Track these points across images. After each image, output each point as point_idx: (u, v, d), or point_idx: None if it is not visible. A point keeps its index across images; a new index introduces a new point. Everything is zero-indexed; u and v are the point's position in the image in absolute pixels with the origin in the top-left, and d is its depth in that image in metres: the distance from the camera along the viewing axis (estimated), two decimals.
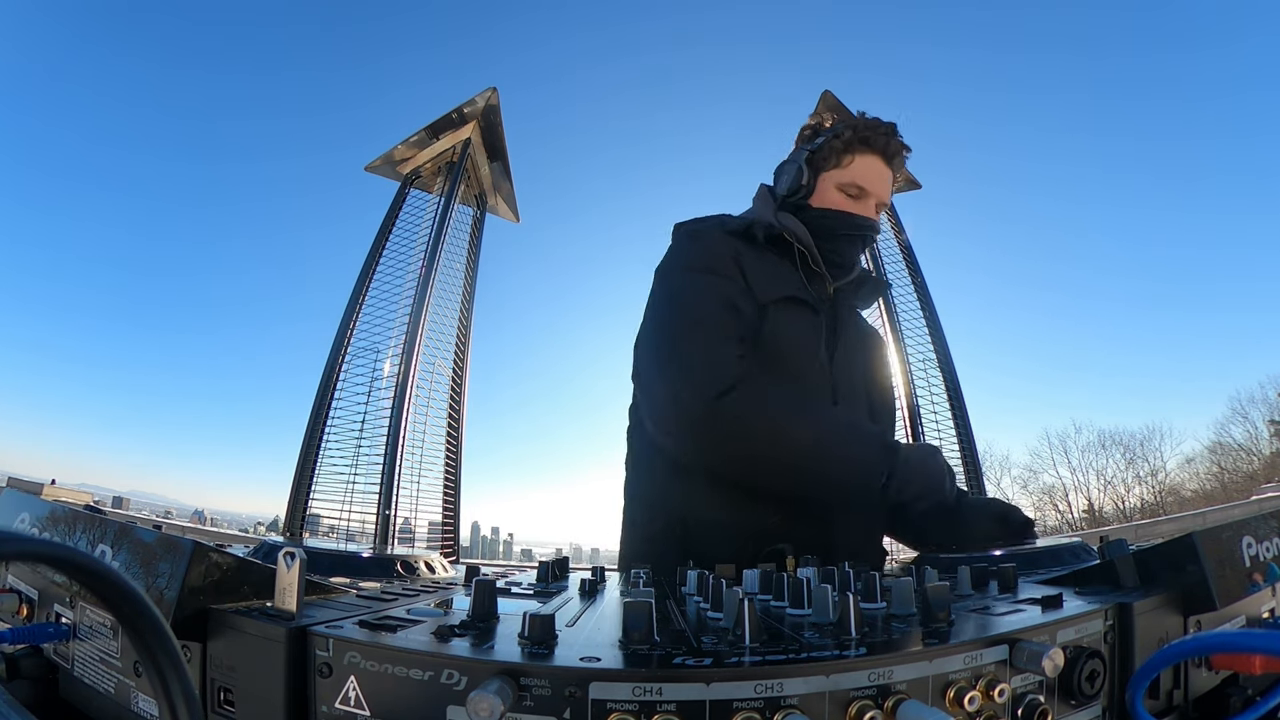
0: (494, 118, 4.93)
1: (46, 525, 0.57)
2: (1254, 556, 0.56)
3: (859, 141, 1.21)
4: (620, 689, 0.35)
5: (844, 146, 1.22)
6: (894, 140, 1.22)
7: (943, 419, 4.60)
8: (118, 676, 0.48)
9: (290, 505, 4.09)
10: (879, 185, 1.22)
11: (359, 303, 4.53)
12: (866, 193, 1.21)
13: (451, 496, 4.61)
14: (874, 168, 1.21)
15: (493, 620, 0.45)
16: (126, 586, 0.26)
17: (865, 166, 1.21)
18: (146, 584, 0.46)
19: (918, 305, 4.83)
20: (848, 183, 1.20)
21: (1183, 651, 0.45)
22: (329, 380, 4.32)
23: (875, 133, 1.21)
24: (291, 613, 0.45)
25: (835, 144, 1.23)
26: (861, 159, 1.21)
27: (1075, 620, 0.45)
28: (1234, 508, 9.65)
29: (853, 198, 1.21)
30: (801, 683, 0.35)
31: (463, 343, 4.92)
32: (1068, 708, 0.43)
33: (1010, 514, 1.05)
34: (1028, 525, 1.04)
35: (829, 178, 1.22)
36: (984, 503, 1.16)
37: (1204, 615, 0.52)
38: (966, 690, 0.38)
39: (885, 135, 1.21)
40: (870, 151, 1.21)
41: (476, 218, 5.29)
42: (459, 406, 4.78)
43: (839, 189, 1.21)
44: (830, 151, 1.23)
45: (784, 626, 0.45)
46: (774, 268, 1.15)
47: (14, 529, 0.57)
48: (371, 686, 0.39)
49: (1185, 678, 0.50)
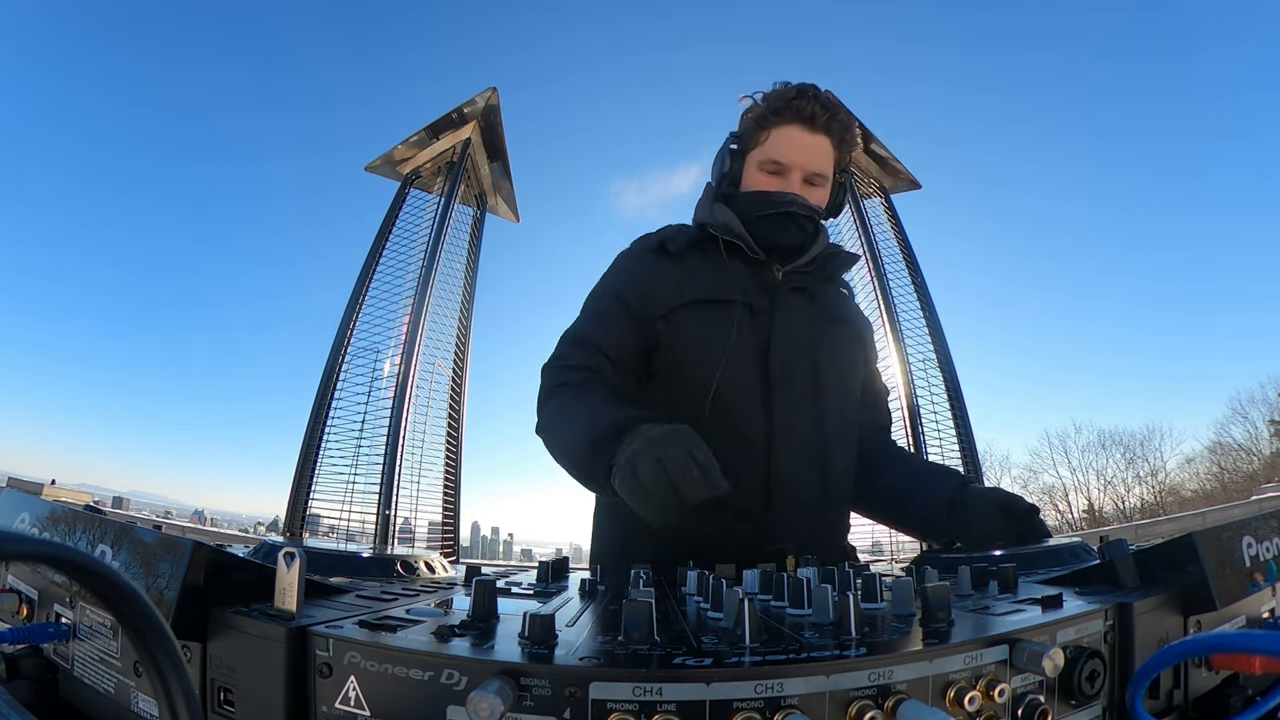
0: (494, 118, 4.93)
1: (46, 525, 0.57)
2: (1254, 556, 0.56)
3: (771, 114, 1.13)
4: (620, 689, 0.35)
5: (757, 123, 1.15)
6: (809, 103, 1.12)
7: (943, 419, 4.60)
8: (118, 676, 0.48)
9: (290, 505, 4.09)
10: (801, 155, 1.12)
11: (359, 303, 4.53)
12: (786, 166, 1.12)
13: (451, 496, 4.61)
14: (791, 138, 1.12)
15: (493, 620, 0.45)
16: (126, 586, 0.26)
17: (781, 139, 1.13)
18: (146, 584, 0.46)
19: (918, 305, 4.84)
20: (764, 160, 1.13)
21: (1183, 651, 0.45)
22: (329, 380, 4.32)
23: (785, 101, 1.12)
24: (291, 613, 0.45)
25: (749, 123, 1.16)
26: (778, 132, 1.13)
27: (1075, 620, 0.45)
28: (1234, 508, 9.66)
29: (773, 174, 1.13)
30: (801, 683, 0.35)
31: (463, 343, 4.93)
32: (1068, 708, 0.43)
33: (1013, 503, 1.00)
34: (1032, 513, 0.99)
35: (751, 159, 1.16)
36: (986, 493, 1.08)
37: (1204, 615, 0.52)
38: (966, 690, 0.38)
39: (798, 100, 1.12)
40: (785, 122, 1.13)
41: (476, 218, 5.29)
42: (459, 406, 4.79)
43: (759, 169, 1.14)
44: (748, 132, 1.17)
45: (784, 626, 0.45)
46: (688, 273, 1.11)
47: (14, 529, 0.57)
48: (371, 686, 0.39)
49: (1185, 678, 0.50)
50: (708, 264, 1.12)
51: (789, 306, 1.12)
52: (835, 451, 1.11)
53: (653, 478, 0.74)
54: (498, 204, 5.38)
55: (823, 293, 1.18)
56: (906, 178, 5.18)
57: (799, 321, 1.12)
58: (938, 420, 4.59)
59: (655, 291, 1.10)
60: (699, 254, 1.14)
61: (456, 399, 4.79)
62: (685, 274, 1.11)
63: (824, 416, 1.10)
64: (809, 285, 1.16)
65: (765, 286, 1.12)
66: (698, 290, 1.09)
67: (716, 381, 1.04)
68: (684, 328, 1.08)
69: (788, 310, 1.12)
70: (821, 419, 1.09)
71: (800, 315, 1.13)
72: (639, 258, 1.17)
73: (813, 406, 1.09)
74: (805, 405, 1.08)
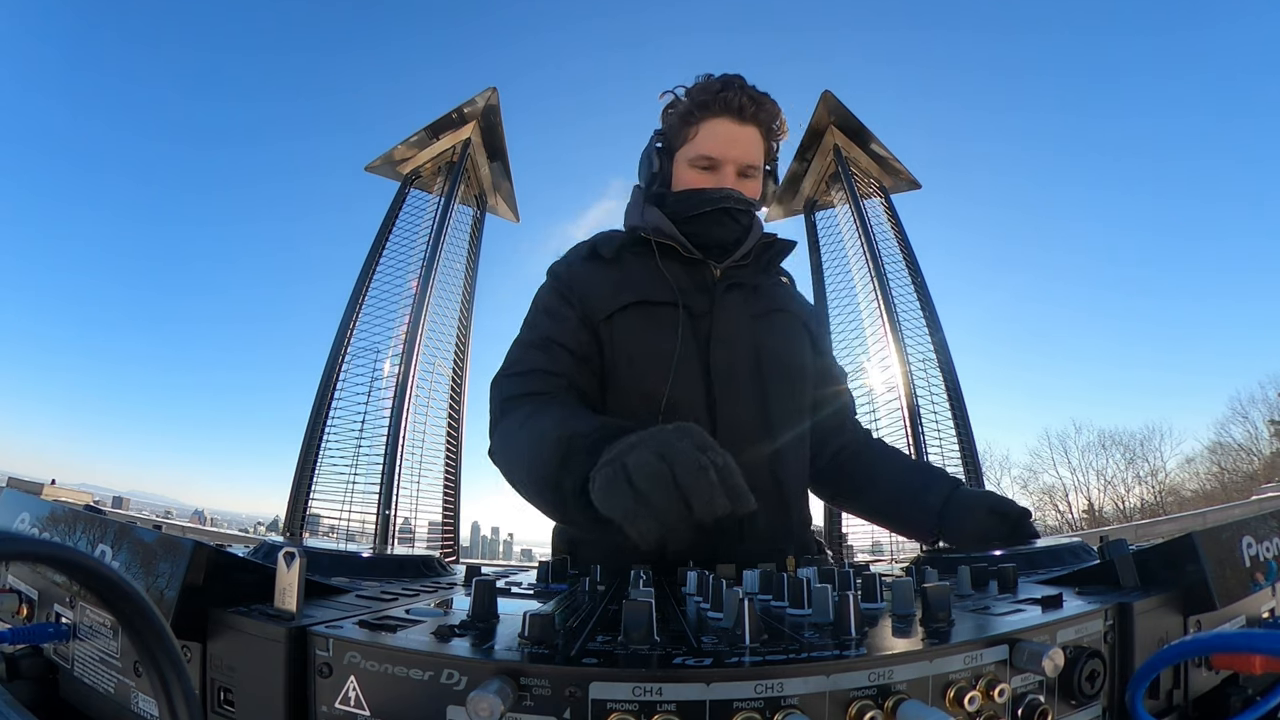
0: (494, 118, 4.93)
1: (46, 525, 0.57)
2: (1254, 556, 0.56)
3: (698, 108, 1.09)
4: (620, 689, 0.35)
5: (683, 120, 1.11)
6: (736, 94, 1.08)
7: (943, 419, 4.60)
8: (118, 676, 0.48)
9: (290, 505, 4.09)
10: (731, 148, 1.08)
11: (359, 303, 4.53)
12: (717, 161, 1.09)
13: (451, 496, 4.61)
14: (720, 131, 1.09)
15: (493, 620, 0.45)
16: (126, 586, 0.26)
17: (709, 133, 1.09)
18: (146, 584, 0.46)
19: (918, 305, 4.84)
20: (695, 156, 1.10)
21: (1183, 651, 0.45)
22: (329, 380, 4.33)
23: (711, 94, 1.08)
24: (291, 613, 0.45)
25: (675, 120, 1.13)
26: (705, 126, 1.09)
27: (1075, 620, 0.45)
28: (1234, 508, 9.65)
29: (706, 170, 1.10)
30: (801, 683, 0.35)
31: (463, 343, 4.93)
32: (1068, 708, 0.43)
33: (1005, 506, 0.99)
34: (1024, 516, 0.98)
35: (680, 157, 1.12)
36: (977, 496, 1.06)
37: (1204, 615, 0.52)
38: (966, 690, 0.38)
39: (724, 92, 1.08)
40: (712, 115, 1.09)
41: (476, 218, 5.29)
42: (459, 406, 4.79)
43: (690, 166, 1.11)
44: (674, 129, 1.13)
45: (784, 626, 0.45)
46: (624, 276, 1.08)
47: (14, 529, 0.57)
48: (371, 686, 0.39)
49: (1185, 678, 0.50)
50: (643, 267, 1.10)
51: (727, 304, 1.09)
52: (785, 446, 1.08)
53: (650, 477, 0.58)
54: (497, 204, 5.38)
55: (763, 284, 1.16)
56: (906, 178, 5.18)
57: (739, 318, 1.09)
58: (938, 420, 4.60)
59: (592, 294, 1.07)
60: (633, 257, 1.11)
61: (456, 399, 4.79)
62: (621, 277, 1.09)
63: (770, 412, 1.06)
64: (747, 279, 1.13)
65: (702, 286, 1.10)
66: (635, 293, 1.06)
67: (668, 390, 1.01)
68: (624, 331, 1.05)
69: (726, 308, 1.09)
70: (768, 415, 1.06)
71: (739, 311, 1.10)
72: (574, 265, 1.14)
73: (758, 403, 1.06)
74: (750, 403, 1.05)
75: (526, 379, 1.02)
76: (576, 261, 1.14)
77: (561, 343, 1.04)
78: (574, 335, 1.05)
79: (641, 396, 1.02)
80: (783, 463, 1.07)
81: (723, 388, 1.04)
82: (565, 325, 1.06)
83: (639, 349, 1.04)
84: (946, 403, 4.58)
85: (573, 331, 1.05)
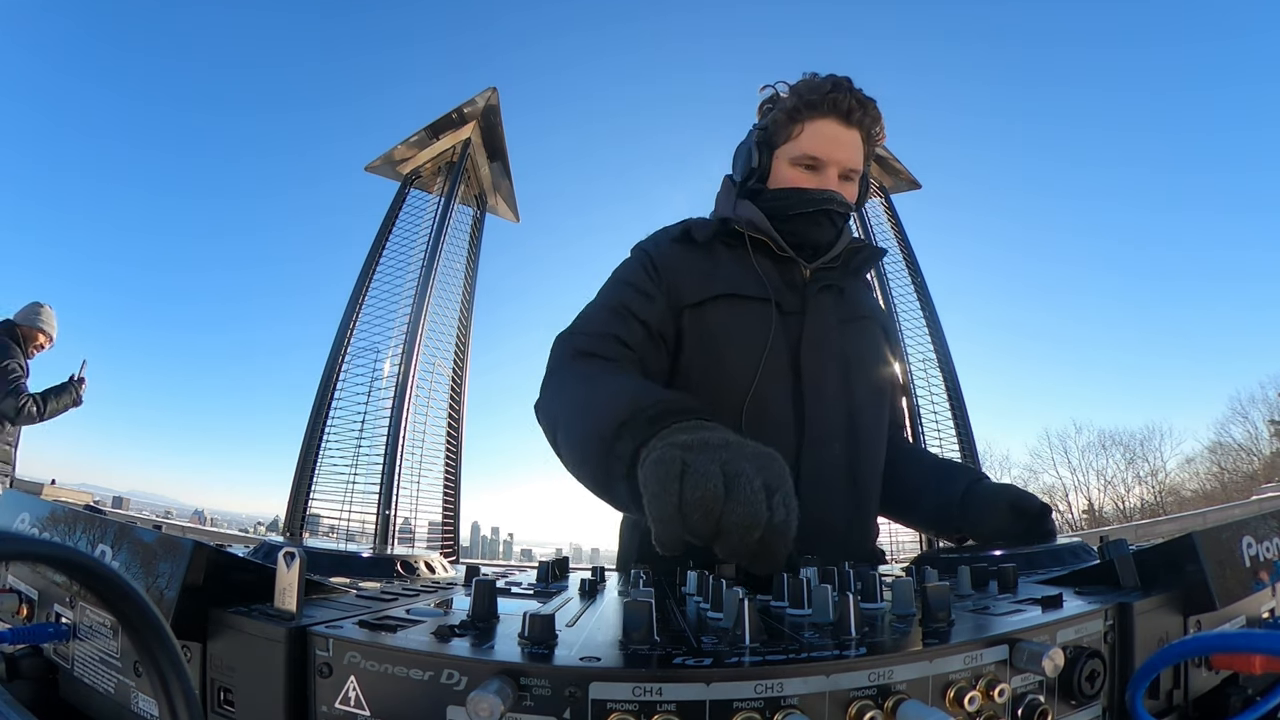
0: (494, 118, 4.93)
1: (46, 525, 0.57)
2: (1254, 556, 0.56)
3: (805, 107, 1.08)
4: (620, 689, 0.35)
5: (789, 117, 1.10)
6: (845, 96, 1.07)
7: (943, 419, 4.60)
8: (118, 676, 0.48)
9: (290, 505, 4.09)
10: (836, 150, 1.08)
11: (359, 303, 4.53)
12: (822, 161, 1.08)
13: (451, 496, 4.61)
14: (826, 132, 1.08)
15: (493, 620, 0.45)
16: (126, 586, 0.26)
17: (815, 133, 1.08)
18: (146, 584, 0.46)
19: (918, 305, 4.83)
20: (799, 155, 1.08)
21: (1183, 651, 0.45)
22: (329, 380, 4.32)
23: (820, 94, 1.07)
24: (291, 613, 0.45)
25: (780, 117, 1.11)
26: (811, 126, 1.08)
27: (1075, 620, 0.45)
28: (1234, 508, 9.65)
29: (809, 169, 1.09)
30: (801, 683, 0.35)
31: (463, 343, 4.92)
32: (1068, 708, 0.43)
33: (1025, 502, 0.96)
34: (1045, 512, 0.95)
35: (782, 154, 1.11)
36: (998, 490, 1.01)
37: (1204, 615, 0.52)
38: (966, 690, 0.38)
39: (833, 93, 1.07)
40: (819, 115, 1.08)
41: (476, 218, 5.29)
42: (459, 406, 4.78)
43: (792, 164, 1.09)
44: (778, 126, 1.11)
45: (784, 626, 0.45)
46: (715, 265, 1.07)
47: (14, 529, 0.57)
48: (371, 686, 0.39)
49: (1185, 678, 0.50)
50: (735, 259, 1.08)
51: (819, 305, 1.08)
52: (865, 456, 1.06)
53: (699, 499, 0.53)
54: (498, 204, 5.38)
55: (849, 289, 1.14)
56: (906, 178, 5.17)
57: (829, 320, 1.08)
58: (938, 420, 4.59)
59: (683, 278, 1.05)
60: (725, 248, 1.10)
61: (456, 399, 4.79)
62: (713, 265, 1.07)
63: (855, 420, 1.05)
64: (836, 282, 1.12)
65: (793, 284, 1.09)
66: (728, 284, 1.04)
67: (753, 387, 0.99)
68: (714, 322, 1.03)
69: (818, 309, 1.07)
70: (853, 423, 1.05)
71: (829, 314, 1.09)
72: (662, 245, 1.11)
73: (844, 409, 1.05)
74: (836, 409, 1.04)
75: (598, 340, 0.97)
76: (666, 242, 1.12)
77: (641, 317, 1.00)
78: (656, 314, 1.02)
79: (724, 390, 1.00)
80: (864, 478, 1.06)
81: (812, 390, 1.02)
82: (649, 302, 1.02)
83: (727, 342, 1.02)
84: (946, 402, 4.57)
85: (655, 310, 1.02)
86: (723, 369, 1.02)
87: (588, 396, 0.81)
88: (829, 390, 1.04)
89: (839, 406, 1.05)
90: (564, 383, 0.91)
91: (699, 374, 1.03)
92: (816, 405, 1.02)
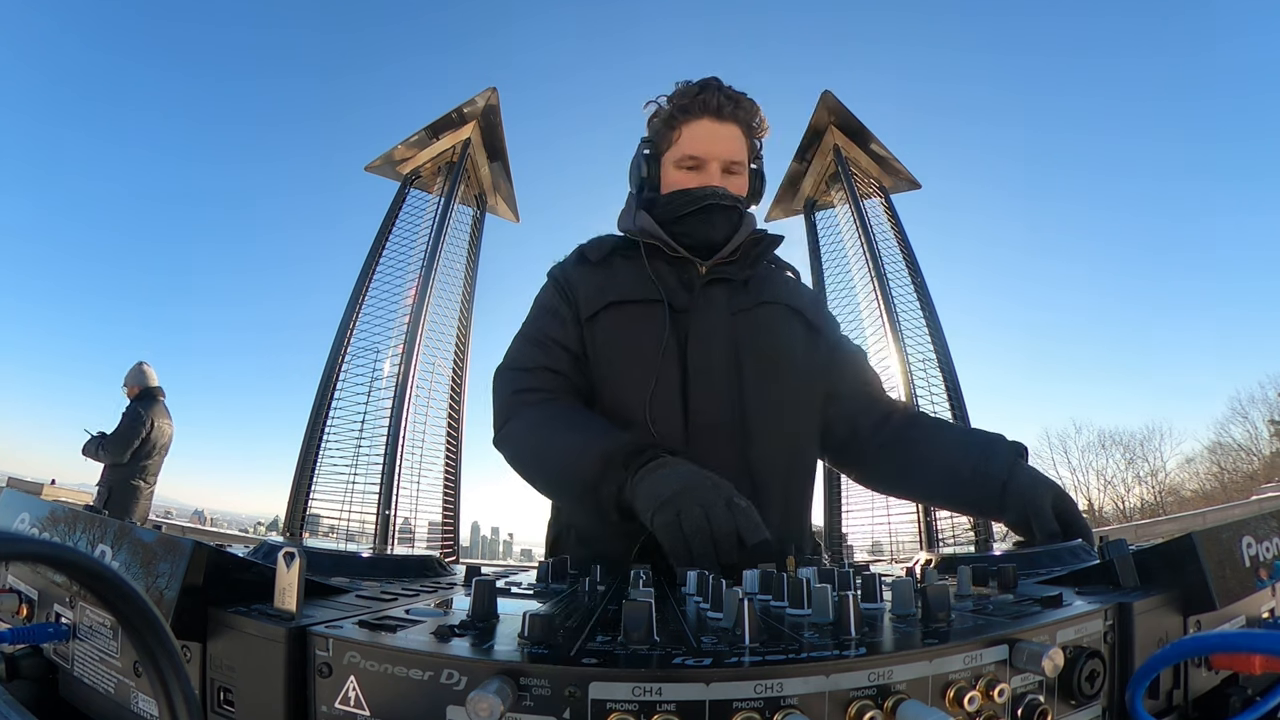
0: (494, 118, 4.92)
1: (46, 525, 0.57)
2: (1254, 556, 0.56)
3: (679, 112, 1.14)
4: (620, 689, 0.35)
5: (666, 124, 1.16)
6: (714, 95, 1.12)
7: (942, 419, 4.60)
8: (118, 676, 0.48)
9: (290, 505, 4.09)
10: (714, 146, 1.12)
11: (359, 303, 4.53)
12: (701, 159, 1.13)
13: (451, 496, 4.61)
14: (700, 131, 1.13)
15: (493, 620, 0.45)
16: (126, 586, 0.26)
17: (691, 134, 1.13)
18: (146, 584, 0.46)
19: (918, 305, 4.83)
20: (681, 157, 1.14)
21: (1183, 651, 0.45)
22: (329, 380, 4.32)
23: (690, 97, 1.13)
24: (291, 613, 0.45)
25: (659, 125, 1.17)
26: (687, 128, 1.14)
27: (1075, 620, 0.45)
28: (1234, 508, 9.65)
29: (692, 170, 1.14)
30: (801, 683, 0.35)
31: (463, 343, 4.92)
32: (1068, 708, 0.43)
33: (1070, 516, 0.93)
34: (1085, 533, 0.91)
35: (667, 159, 1.16)
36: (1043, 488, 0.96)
37: (1204, 615, 0.52)
38: (966, 690, 0.38)
39: (702, 94, 1.13)
40: (693, 117, 1.13)
41: (476, 218, 5.29)
42: (459, 406, 4.78)
43: (677, 167, 1.15)
44: (659, 134, 1.17)
45: (784, 626, 0.45)
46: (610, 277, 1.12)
47: (14, 529, 0.57)
48: (371, 686, 0.39)
49: (1185, 678, 0.50)
50: (630, 268, 1.13)
51: (709, 298, 1.10)
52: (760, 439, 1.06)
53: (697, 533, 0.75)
54: (497, 204, 5.38)
55: (753, 279, 1.15)
56: (906, 178, 5.17)
57: (718, 312, 1.10)
58: None
59: (580, 295, 1.12)
60: (622, 259, 1.15)
61: (456, 399, 4.79)
62: (606, 277, 1.13)
63: (747, 405, 1.06)
64: (734, 275, 1.13)
65: (688, 284, 1.12)
66: (616, 293, 1.10)
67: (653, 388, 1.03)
68: (606, 331, 1.09)
69: (707, 302, 1.10)
70: (745, 407, 1.06)
71: (720, 305, 1.10)
72: (568, 269, 1.19)
73: (733, 396, 1.06)
74: (724, 396, 1.05)
75: (531, 375, 1.08)
76: (570, 265, 1.20)
77: (560, 342, 1.10)
78: (571, 334, 1.10)
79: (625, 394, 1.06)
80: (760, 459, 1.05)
81: (698, 384, 1.05)
82: (563, 325, 1.11)
83: (618, 348, 1.08)
84: (946, 403, 4.57)
85: (570, 331, 1.10)
86: (620, 375, 1.07)
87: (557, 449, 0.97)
88: (716, 381, 1.06)
89: (728, 396, 1.06)
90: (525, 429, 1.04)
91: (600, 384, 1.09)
92: (702, 397, 1.05)
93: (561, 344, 1.09)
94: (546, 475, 1.02)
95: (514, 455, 1.06)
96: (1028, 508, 0.93)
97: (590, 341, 1.10)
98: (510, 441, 1.06)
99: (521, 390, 1.07)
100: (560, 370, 1.08)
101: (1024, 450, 1.04)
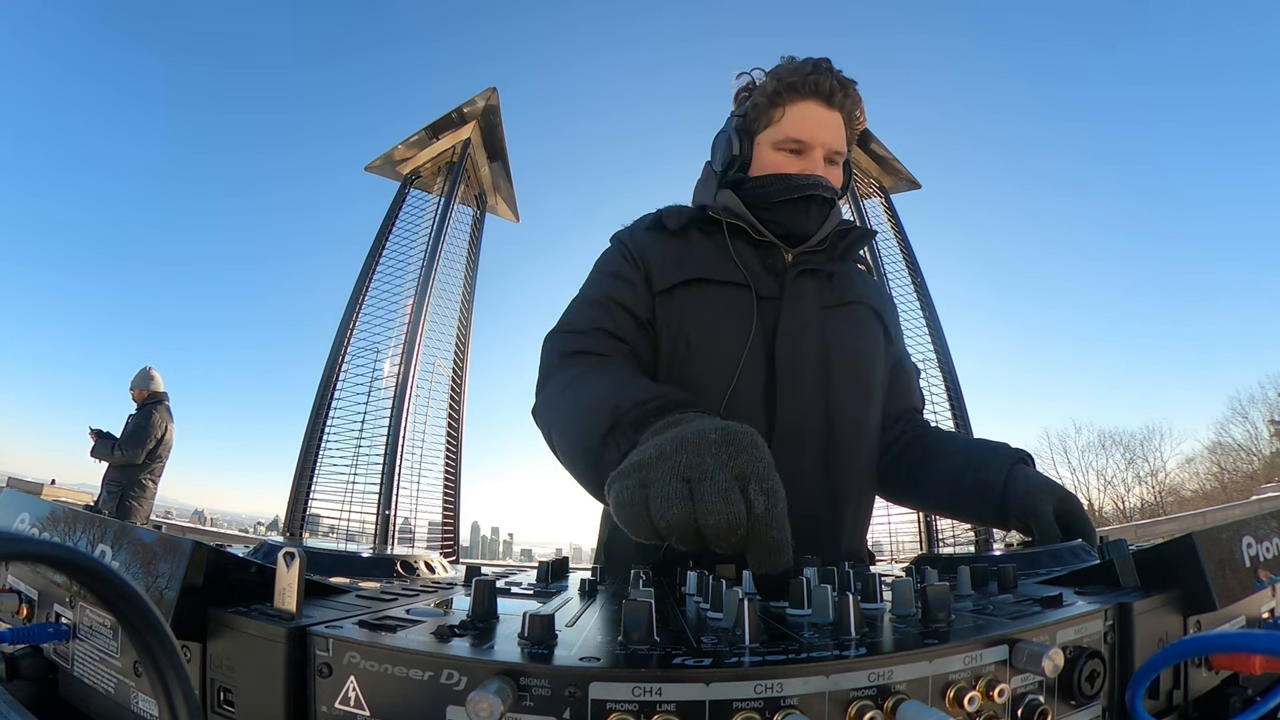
0: (494, 118, 4.93)
1: (46, 525, 0.57)
2: (1254, 556, 0.56)
3: (786, 90, 1.04)
4: (620, 689, 0.35)
5: (770, 101, 1.06)
6: (826, 78, 1.03)
7: (943, 419, 4.60)
8: (118, 676, 0.48)
9: (290, 505, 4.09)
10: (820, 132, 1.04)
11: (359, 303, 4.53)
12: (806, 145, 1.04)
13: (451, 496, 4.61)
14: (809, 114, 1.04)
15: (493, 620, 0.45)
16: (126, 586, 0.26)
17: (798, 116, 1.04)
18: (146, 584, 0.46)
19: (918, 305, 4.84)
20: (783, 140, 1.05)
21: (1183, 651, 0.45)
22: (329, 380, 4.32)
23: (801, 76, 1.03)
24: (291, 613, 0.45)
25: (760, 101, 1.07)
26: (793, 109, 1.04)
27: (1075, 620, 0.45)
28: (1234, 508, 9.65)
29: (794, 154, 1.05)
30: (801, 683, 0.35)
31: (463, 343, 4.92)
32: (1068, 708, 0.43)
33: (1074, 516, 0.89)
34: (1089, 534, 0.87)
35: (764, 139, 1.07)
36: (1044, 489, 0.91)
37: (1204, 615, 0.52)
38: (966, 690, 0.38)
39: (814, 75, 1.03)
40: (800, 98, 1.04)
41: (476, 218, 5.29)
42: (459, 406, 4.78)
43: (776, 149, 1.06)
44: (758, 111, 1.07)
45: (784, 626, 0.45)
46: (689, 251, 1.03)
47: (14, 529, 0.57)
48: (371, 686, 0.39)
49: (1185, 678, 0.50)
50: (710, 244, 1.04)
51: (798, 291, 1.02)
52: (843, 452, 1.00)
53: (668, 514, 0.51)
54: (497, 204, 5.38)
55: (838, 273, 1.08)
56: (906, 178, 5.18)
57: (809, 306, 1.02)
58: (938, 420, 4.59)
59: (655, 263, 1.02)
60: (700, 234, 1.06)
61: (456, 399, 4.79)
62: (686, 250, 1.03)
63: (834, 415, 0.99)
64: (821, 266, 1.06)
65: (773, 270, 1.04)
66: (699, 268, 1.00)
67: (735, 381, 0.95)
68: (684, 309, 0.99)
69: (797, 295, 1.02)
70: (831, 418, 0.99)
71: (810, 300, 1.03)
72: (637, 233, 1.09)
73: (821, 403, 0.99)
74: (813, 403, 0.98)
75: (585, 337, 0.96)
76: (640, 230, 1.09)
77: (626, 306, 0.98)
78: (639, 300, 0.99)
79: (699, 385, 0.96)
80: (842, 474, 1.00)
81: (785, 380, 0.97)
82: (631, 289, 1.00)
83: (699, 330, 0.98)
84: (946, 403, 4.58)
85: (638, 296, 1.00)
86: (697, 359, 0.97)
87: (573, 407, 0.80)
88: (806, 382, 0.99)
89: (816, 400, 0.99)
90: (554, 392, 0.89)
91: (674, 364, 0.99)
92: (791, 399, 0.97)
93: (627, 307, 0.98)
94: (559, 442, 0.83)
95: (544, 426, 0.89)
96: (1028, 513, 0.91)
97: (661, 318, 0.99)
98: (541, 411, 0.91)
99: (570, 353, 0.94)
100: (620, 336, 0.96)
101: (1027, 456, 1.00)
